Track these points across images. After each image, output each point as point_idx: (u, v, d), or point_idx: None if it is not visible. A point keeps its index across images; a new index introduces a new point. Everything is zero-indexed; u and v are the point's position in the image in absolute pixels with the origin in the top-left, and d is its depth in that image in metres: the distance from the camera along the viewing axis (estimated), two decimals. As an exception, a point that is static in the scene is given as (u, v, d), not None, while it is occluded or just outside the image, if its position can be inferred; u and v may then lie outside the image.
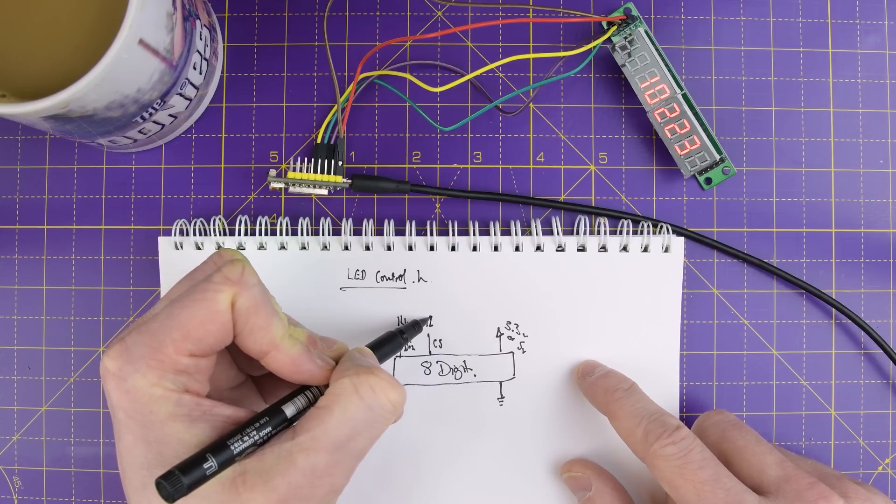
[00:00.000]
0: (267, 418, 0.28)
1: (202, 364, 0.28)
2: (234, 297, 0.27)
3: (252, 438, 0.27)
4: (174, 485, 0.25)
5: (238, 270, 0.28)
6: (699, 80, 0.40)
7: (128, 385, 0.26)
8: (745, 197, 0.40)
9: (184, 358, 0.27)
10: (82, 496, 0.39)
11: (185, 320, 0.27)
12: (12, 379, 0.39)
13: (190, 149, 0.39)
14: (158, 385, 0.27)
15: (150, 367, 0.26)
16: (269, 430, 0.28)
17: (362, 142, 0.39)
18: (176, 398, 0.27)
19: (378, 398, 0.28)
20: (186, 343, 0.27)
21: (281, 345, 0.28)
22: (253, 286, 0.28)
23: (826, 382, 0.40)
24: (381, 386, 0.28)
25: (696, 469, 0.30)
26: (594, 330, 0.38)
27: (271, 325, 0.28)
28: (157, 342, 0.27)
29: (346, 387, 0.28)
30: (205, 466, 0.25)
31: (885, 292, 0.40)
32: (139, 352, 0.27)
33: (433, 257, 0.38)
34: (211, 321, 0.27)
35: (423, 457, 0.38)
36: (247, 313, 0.28)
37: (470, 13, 0.40)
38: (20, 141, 0.39)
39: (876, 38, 0.40)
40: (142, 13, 0.29)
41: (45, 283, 0.39)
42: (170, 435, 0.26)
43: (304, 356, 0.29)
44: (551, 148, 0.40)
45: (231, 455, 0.26)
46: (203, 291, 0.27)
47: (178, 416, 0.27)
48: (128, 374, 0.26)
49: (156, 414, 0.26)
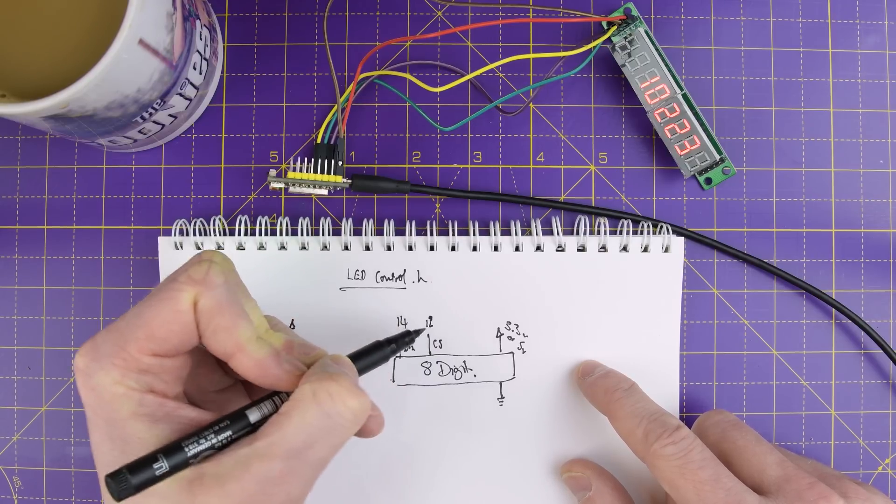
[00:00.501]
0: (228, 422, 0.27)
1: (167, 364, 0.27)
2: (196, 297, 0.27)
3: (209, 441, 0.27)
4: (120, 483, 0.25)
5: (203, 270, 0.28)
6: (699, 80, 0.40)
7: (93, 382, 0.27)
8: (745, 197, 0.40)
9: (146, 357, 0.27)
10: (82, 496, 0.39)
11: (149, 319, 0.27)
12: (12, 379, 0.39)
13: (190, 149, 0.39)
14: (121, 383, 0.27)
15: (115, 365, 0.27)
16: (229, 434, 0.27)
17: (362, 142, 0.39)
18: (138, 397, 0.27)
19: (336, 405, 0.27)
20: (150, 342, 0.27)
21: (246, 347, 0.28)
22: (216, 286, 0.27)
23: (826, 382, 0.40)
24: (340, 393, 0.27)
25: (697, 469, 0.30)
26: (594, 330, 0.38)
27: (236, 327, 0.28)
28: (123, 340, 0.27)
29: (305, 393, 0.27)
30: (154, 467, 0.25)
31: (885, 292, 0.40)
32: (105, 350, 0.27)
33: (433, 257, 0.38)
34: (173, 321, 0.27)
35: (423, 457, 0.38)
36: (209, 313, 0.27)
37: (470, 13, 0.40)
38: (20, 141, 0.39)
39: (876, 38, 0.40)
40: (142, 13, 0.29)
41: (45, 283, 0.39)
42: (131, 434, 0.26)
43: (270, 360, 0.28)
44: (551, 148, 0.40)
45: (185, 457, 0.26)
46: (167, 290, 0.27)
47: (139, 415, 0.27)
48: (93, 371, 0.27)
49: (118, 412, 0.26)
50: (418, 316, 0.38)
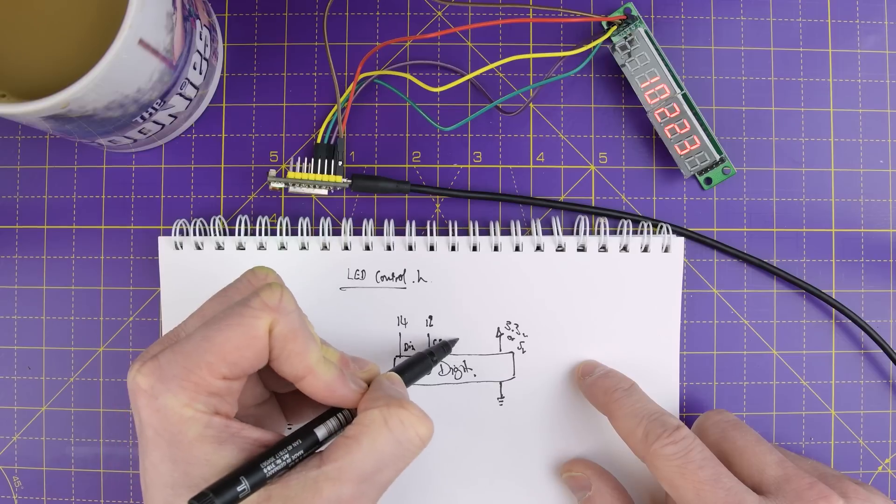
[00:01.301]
0: (299, 441, 0.28)
1: (234, 386, 0.27)
2: (273, 324, 0.27)
3: (284, 461, 0.27)
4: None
5: (277, 296, 0.27)
6: (699, 80, 0.40)
7: (159, 404, 0.26)
8: (745, 197, 0.40)
9: (217, 381, 0.27)
10: (82, 496, 0.39)
11: (221, 343, 0.26)
12: (12, 379, 0.39)
13: (190, 149, 0.39)
14: (190, 406, 0.26)
15: (183, 388, 0.26)
16: (301, 452, 0.28)
17: (362, 142, 0.39)
18: (206, 420, 0.27)
19: (407, 432, 0.28)
20: (221, 366, 0.26)
21: (316, 370, 0.28)
22: (291, 312, 0.28)
23: (826, 382, 0.40)
24: (411, 420, 0.28)
25: (696, 469, 0.30)
26: (594, 330, 0.38)
27: (307, 351, 0.28)
28: (192, 363, 0.26)
29: (375, 418, 0.28)
30: (238, 489, 0.25)
31: (885, 292, 0.40)
32: (173, 372, 0.26)
33: (433, 257, 0.38)
34: (248, 346, 0.27)
35: (423, 457, 0.38)
36: (284, 339, 0.27)
37: (470, 13, 0.40)
38: (20, 141, 0.39)
39: (876, 38, 0.40)
40: (142, 13, 0.29)
41: (45, 283, 0.39)
42: (198, 456, 0.26)
43: (338, 381, 0.29)
44: (551, 148, 0.40)
45: (263, 477, 0.26)
46: (240, 316, 0.27)
47: (206, 437, 0.26)
48: (160, 392, 0.26)
49: (185, 434, 0.26)
50: (418, 316, 0.38)
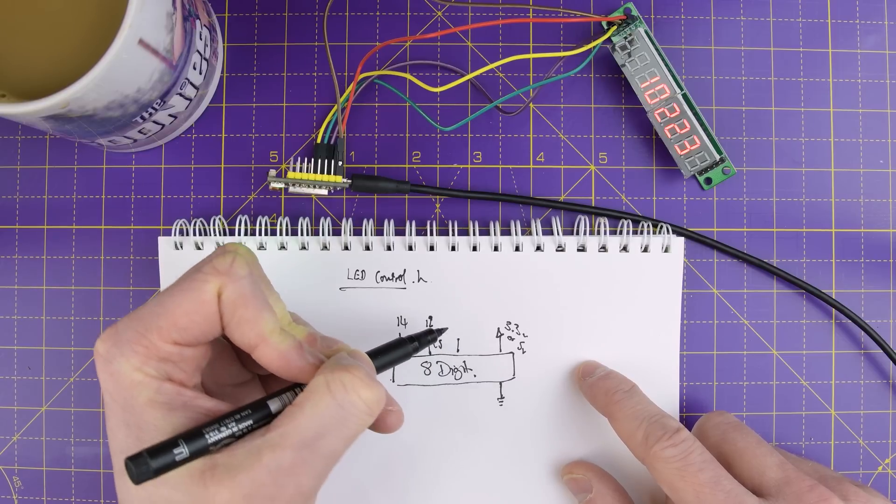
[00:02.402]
0: (249, 411, 0.27)
1: (187, 353, 0.28)
2: (221, 288, 0.27)
3: (230, 429, 0.27)
4: (140, 466, 0.25)
5: (227, 261, 0.28)
6: (699, 80, 0.40)
7: (112, 368, 0.27)
8: (745, 197, 0.40)
9: (167, 345, 0.27)
10: (82, 496, 0.39)
11: (172, 308, 0.27)
12: (12, 379, 0.39)
13: (190, 149, 0.39)
14: (140, 370, 0.27)
15: (135, 352, 0.27)
16: (250, 423, 0.27)
17: (362, 142, 0.39)
18: (156, 385, 0.27)
19: (349, 395, 0.27)
20: (171, 331, 0.27)
21: (270, 339, 0.28)
22: (241, 278, 0.28)
23: (826, 382, 0.40)
24: (353, 384, 0.27)
25: (697, 471, 0.30)
26: (594, 330, 0.38)
27: (260, 318, 0.28)
28: (144, 328, 0.27)
29: (319, 384, 0.27)
30: (174, 451, 0.25)
31: (885, 292, 0.40)
32: (127, 336, 0.27)
33: (433, 257, 0.38)
34: (196, 311, 0.27)
35: (423, 457, 0.38)
36: (233, 305, 0.27)
37: (470, 13, 0.40)
38: (20, 141, 0.39)
39: (876, 38, 0.40)
40: (142, 13, 0.29)
41: (45, 283, 0.39)
42: (147, 421, 0.27)
43: (293, 352, 0.28)
44: (551, 148, 0.40)
45: (205, 444, 0.26)
46: (191, 281, 0.27)
47: (156, 402, 0.27)
48: (113, 356, 0.27)
49: (136, 398, 0.27)
50: (418, 316, 0.38)
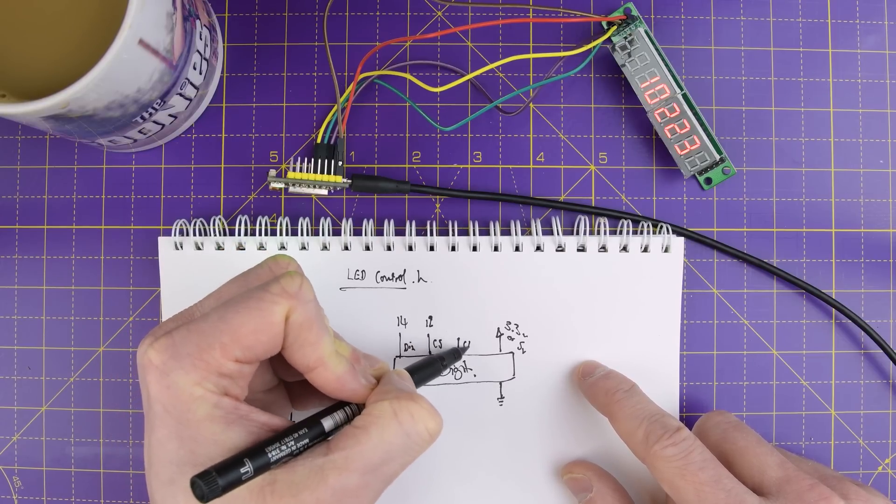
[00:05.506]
0: (305, 430, 0.28)
1: (245, 370, 0.28)
2: (290, 311, 0.27)
3: (289, 448, 0.27)
4: (210, 485, 0.25)
5: (297, 284, 0.28)
6: (699, 80, 0.40)
7: (169, 380, 0.26)
8: (745, 197, 0.40)
9: (230, 363, 0.27)
10: (82, 496, 0.39)
11: (237, 326, 0.27)
12: (12, 379, 0.39)
13: (190, 149, 0.39)
14: (200, 385, 0.26)
15: (195, 367, 0.26)
16: (307, 441, 0.28)
17: (362, 142, 0.39)
18: (215, 400, 0.27)
19: (416, 426, 0.28)
20: (235, 349, 0.27)
21: (328, 362, 0.28)
22: (308, 302, 0.28)
23: (826, 382, 0.40)
24: (420, 414, 0.28)
25: (697, 470, 0.30)
26: (594, 330, 0.38)
27: (321, 342, 0.28)
28: (206, 343, 0.26)
29: (385, 410, 0.28)
30: (241, 470, 0.25)
31: (885, 292, 0.40)
32: (186, 350, 0.26)
33: (433, 257, 0.38)
34: (263, 331, 0.27)
35: (423, 457, 0.38)
36: (300, 328, 0.27)
37: (470, 13, 0.40)
38: (20, 141, 0.39)
39: (876, 38, 0.40)
40: (142, 13, 0.29)
41: (45, 283, 0.39)
42: (205, 435, 0.26)
43: (348, 375, 0.29)
44: (551, 148, 0.40)
45: (267, 462, 0.26)
46: (259, 300, 0.27)
47: (215, 417, 0.27)
48: (171, 369, 0.26)
49: (193, 413, 0.26)
50: (418, 316, 0.38)
